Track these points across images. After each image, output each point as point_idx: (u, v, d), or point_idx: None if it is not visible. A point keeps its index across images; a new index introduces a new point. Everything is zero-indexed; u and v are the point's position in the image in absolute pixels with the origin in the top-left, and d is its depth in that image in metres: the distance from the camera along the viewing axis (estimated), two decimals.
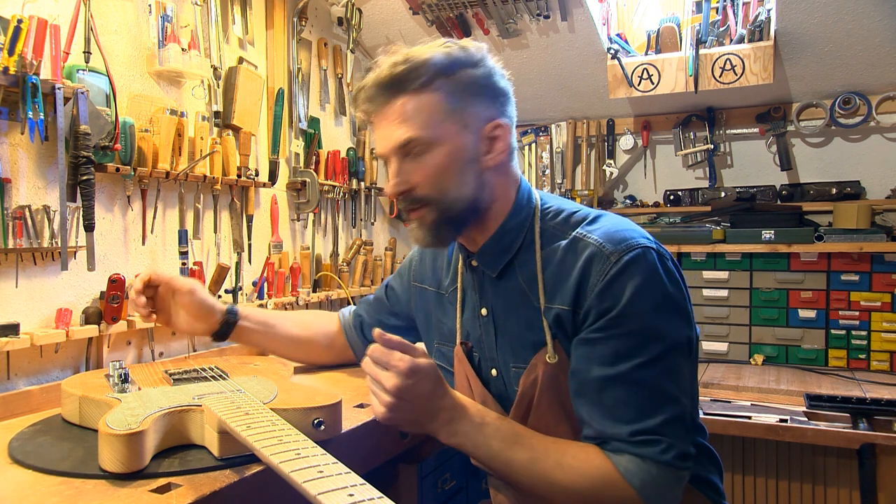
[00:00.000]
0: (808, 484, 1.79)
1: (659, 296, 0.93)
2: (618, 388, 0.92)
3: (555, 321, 0.99)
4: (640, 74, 2.35)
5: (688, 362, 0.97)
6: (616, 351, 0.92)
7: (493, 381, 1.09)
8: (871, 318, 2.20)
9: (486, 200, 1.02)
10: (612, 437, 0.92)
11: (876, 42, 2.14)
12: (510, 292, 1.05)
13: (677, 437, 0.91)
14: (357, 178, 2.46)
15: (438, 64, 0.98)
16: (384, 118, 1.01)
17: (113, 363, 1.12)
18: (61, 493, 0.80)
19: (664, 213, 2.64)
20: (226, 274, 1.79)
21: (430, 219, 1.01)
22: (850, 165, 2.43)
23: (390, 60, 0.99)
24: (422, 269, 1.27)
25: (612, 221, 1.01)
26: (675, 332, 0.94)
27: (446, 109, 0.98)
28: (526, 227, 1.04)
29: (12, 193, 1.37)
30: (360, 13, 2.39)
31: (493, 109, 1.02)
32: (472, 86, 1.00)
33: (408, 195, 1.01)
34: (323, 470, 0.70)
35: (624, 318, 0.92)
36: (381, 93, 1.00)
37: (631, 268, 0.93)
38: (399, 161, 1.01)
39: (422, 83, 0.98)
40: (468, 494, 1.61)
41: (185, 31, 1.73)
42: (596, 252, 0.96)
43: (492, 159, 1.02)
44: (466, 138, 1.00)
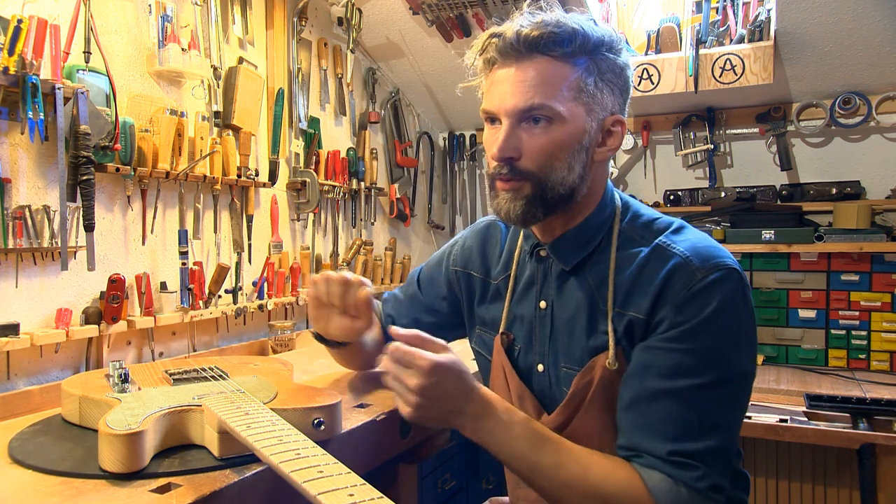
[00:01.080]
0: (808, 484, 1.79)
1: (735, 322, 0.90)
2: (669, 402, 0.88)
3: (626, 328, 0.95)
4: (640, 74, 2.35)
5: (744, 397, 0.93)
6: (678, 365, 0.89)
7: (536, 377, 1.06)
8: (871, 318, 2.20)
9: (582, 191, 0.98)
10: (648, 451, 0.89)
11: (876, 42, 2.14)
12: (577, 290, 1.01)
13: (717, 468, 0.87)
14: (357, 178, 2.46)
15: (588, 38, 0.93)
16: (514, 74, 0.94)
17: (113, 363, 1.12)
18: (61, 493, 0.80)
19: (664, 213, 2.64)
20: (226, 274, 1.79)
21: (526, 193, 0.96)
22: (850, 165, 2.43)
23: (540, 18, 0.93)
24: (465, 255, 1.21)
25: (697, 235, 0.98)
26: (741, 362, 0.91)
27: (581, 88, 0.94)
28: (607, 227, 1.01)
29: (12, 193, 1.37)
30: (360, 13, 2.39)
31: (618, 103, 0.99)
32: (609, 73, 0.96)
33: (511, 163, 0.95)
34: (323, 470, 0.69)
35: (696, 334, 0.89)
36: (520, 48, 0.93)
37: (715, 287, 0.89)
38: (513, 124, 0.95)
39: (567, 52, 0.92)
40: (468, 494, 1.61)
41: (185, 31, 1.73)
42: (682, 264, 0.92)
43: (602, 153, 0.98)
44: (589, 124, 0.95)
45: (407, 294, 1.33)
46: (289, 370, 1.28)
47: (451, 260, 1.24)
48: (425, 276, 1.30)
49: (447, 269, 1.25)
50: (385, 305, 1.36)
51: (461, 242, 1.25)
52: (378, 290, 2.55)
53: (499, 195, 0.98)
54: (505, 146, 0.94)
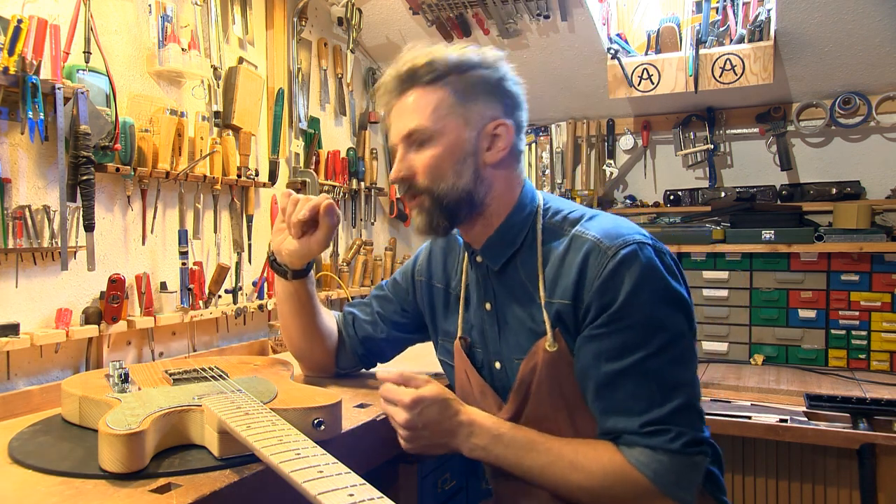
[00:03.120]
0: (808, 484, 1.79)
1: (658, 288, 0.96)
2: (627, 381, 0.94)
3: (556, 316, 1.01)
4: (640, 74, 2.35)
5: (690, 354, 0.99)
6: (622, 345, 0.95)
7: (496, 374, 1.12)
8: (871, 318, 2.20)
9: (482, 194, 1.06)
10: (624, 430, 0.95)
11: (876, 42, 2.14)
12: (512, 287, 1.08)
13: (687, 424, 0.93)
14: (357, 178, 2.46)
15: (451, 62, 1.05)
16: (398, 109, 1.08)
17: (113, 363, 1.12)
18: (61, 493, 0.80)
19: (664, 213, 2.64)
20: (226, 274, 1.79)
21: (427, 206, 1.06)
22: (850, 165, 2.43)
23: (410, 55, 1.07)
24: (430, 265, 1.28)
25: (608, 219, 1.04)
26: (678, 322, 0.96)
27: (451, 104, 1.04)
28: (529, 225, 1.08)
29: (12, 193, 1.37)
30: (360, 13, 2.39)
31: (499, 110, 1.07)
32: (481, 85, 1.05)
33: (407, 182, 1.07)
34: (323, 470, 0.69)
35: (626, 311, 0.94)
36: (397, 85, 1.07)
37: (628, 261, 0.95)
38: (405, 149, 1.08)
39: (433, 77, 1.04)
40: (468, 494, 1.61)
41: (185, 31, 1.73)
42: (593, 247, 0.98)
43: (491, 156, 1.06)
44: (467, 133, 1.05)
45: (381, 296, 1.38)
46: (289, 370, 1.28)
47: (417, 270, 1.32)
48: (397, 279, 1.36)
49: (413, 279, 1.32)
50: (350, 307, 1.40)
51: (426, 254, 1.31)
52: None
53: (410, 214, 1.11)
54: (399, 167, 1.08)
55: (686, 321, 0.98)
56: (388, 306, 1.35)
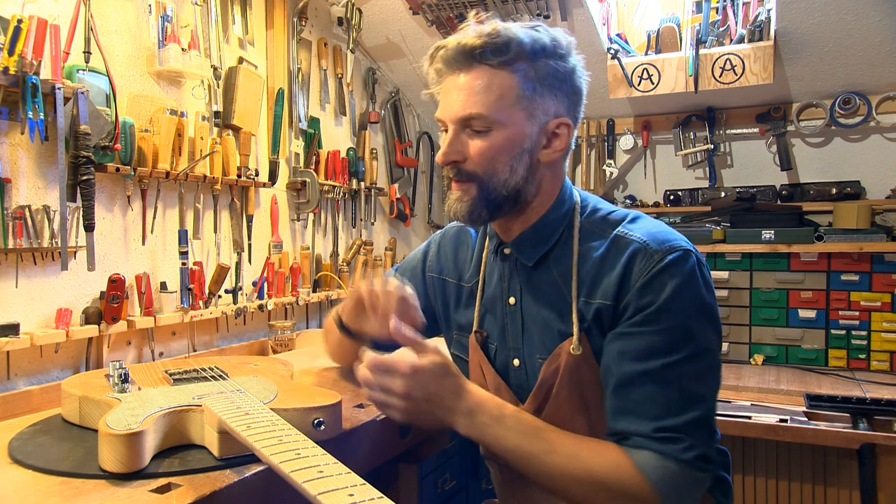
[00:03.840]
0: (808, 484, 1.79)
1: (697, 299, 0.94)
2: (647, 383, 0.92)
3: (595, 316, 0.98)
4: (640, 74, 2.35)
5: (716, 370, 0.97)
6: (650, 346, 0.92)
7: (513, 371, 1.09)
8: (871, 318, 2.20)
9: (530, 192, 1.03)
10: (635, 432, 0.92)
11: (876, 42, 2.14)
12: (543, 284, 1.05)
13: (700, 438, 0.91)
14: (357, 178, 2.46)
15: (524, 46, 0.97)
16: (456, 84, 1.00)
17: (113, 363, 1.12)
18: (61, 493, 0.80)
19: (664, 213, 2.64)
20: (226, 274, 1.79)
21: (472, 195, 1.01)
22: (850, 165, 2.43)
23: (479, 29, 0.98)
24: (440, 260, 1.25)
25: (652, 222, 1.02)
26: (707, 337, 0.94)
27: (518, 94, 0.98)
28: (566, 222, 1.05)
29: (12, 193, 1.37)
30: (360, 13, 2.39)
31: (563, 106, 1.02)
32: (550, 78, 0.99)
33: (456, 166, 1.02)
34: (323, 470, 0.69)
35: (661, 314, 0.92)
36: (460, 58, 0.98)
37: (673, 267, 0.93)
38: (458, 131, 1.01)
39: (503, 61, 0.97)
40: (468, 494, 1.61)
41: (185, 31, 1.73)
42: (640, 249, 0.96)
43: (547, 155, 1.02)
44: (529, 128, 0.99)
45: None
46: (289, 370, 1.28)
47: (428, 266, 1.28)
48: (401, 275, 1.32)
49: (425, 275, 1.28)
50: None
51: (435, 248, 1.28)
52: None
53: (451, 196, 1.04)
54: (448, 151, 1.01)
55: (716, 337, 0.96)
56: None
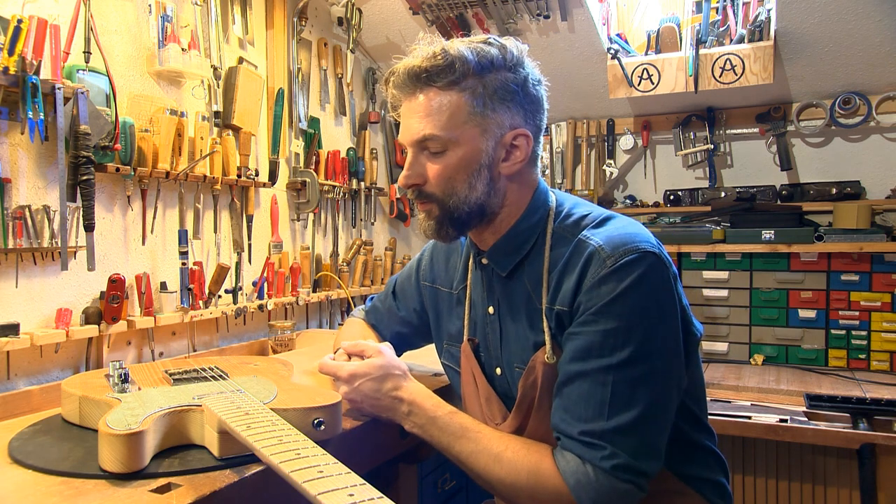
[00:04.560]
0: (808, 484, 1.79)
1: (645, 300, 0.91)
2: (582, 383, 0.91)
3: (557, 322, 0.98)
4: (640, 74, 2.35)
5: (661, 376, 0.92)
6: (589, 346, 0.92)
7: (497, 380, 1.10)
8: (871, 318, 2.19)
9: (494, 205, 1.02)
10: (564, 432, 0.92)
11: (876, 42, 2.14)
12: (516, 292, 1.05)
13: (626, 447, 0.88)
14: (357, 178, 2.46)
15: (471, 63, 0.97)
16: (409, 108, 1.01)
17: (113, 363, 1.12)
18: (61, 493, 0.80)
19: (664, 213, 2.64)
20: (226, 274, 1.79)
21: (435, 214, 1.03)
22: (850, 165, 2.43)
23: (426, 51, 0.99)
24: (433, 269, 1.26)
25: (617, 225, 0.99)
26: (655, 340, 0.91)
27: (469, 111, 0.98)
28: (539, 230, 1.04)
29: (12, 193, 1.37)
30: (360, 13, 2.39)
31: (519, 117, 1.01)
32: (501, 90, 0.99)
33: (416, 189, 1.04)
34: (323, 470, 0.69)
35: (603, 315, 0.91)
36: (410, 82, 1.00)
37: (623, 270, 0.91)
38: (416, 154, 1.02)
39: (450, 80, 0.97)
40: (468, 494, 1.61)
41: (185, 31, 1.73)
42: (594, 253, 0.95)
43: (508, 167, 1.01)
44: (484, 143, 0.99)
45: (385, 305, 1.39)
46: (289, 370, 1.28)
47: (421, 274, 1.29)
48: (399, 287, 1.36)
49: (418, 283, 1.30)
50: (369, 316, 1.43)
51: (428, 257, 1.30)
52: (378, 290, 2.55)
53: (418, 216, 1.07)
54: (408, 174, 1.03)
55: (670, 344, 0.93)
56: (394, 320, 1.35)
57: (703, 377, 1.10)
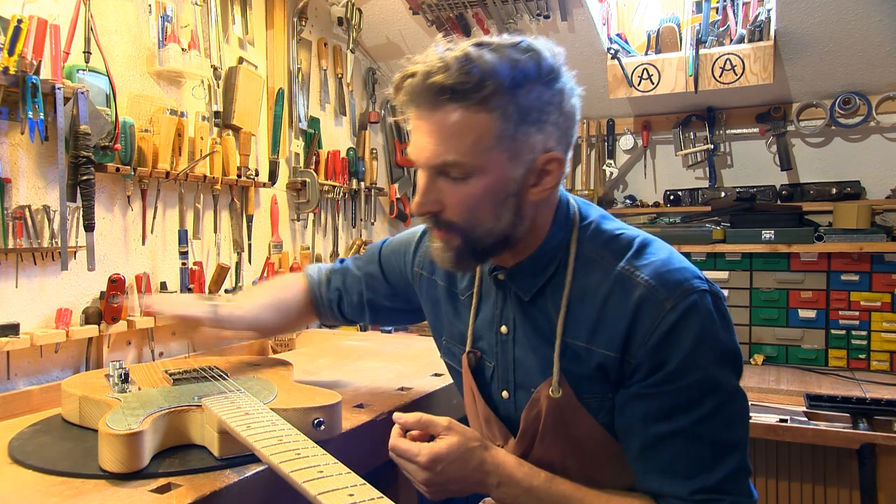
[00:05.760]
0: (808, 484, 1.79)
1: (717, 347, 0.86)
2: (676, 443, 0.86)
3: (598, 366, 0.90)
4: (640, 74, 2.35)
5: (744, 410, 0.91)
6: (674, 405, 0.86)
7: (502, 403, 1.02)
8: (871, 318, 2.19)
9: (519, 232, 0.92)
10: (672, 494, 0.86)
11: (876, 42, 2.14)
12: (537, 316, 0.96)
13: (740, 490, 0.86)
14: (357, 178, 2.46)
15: (502, 79, 0.82)
16: (427, 125, 0.86)
17: (113, 363, 1.12)
18: (61, 493, 0.80)
19: (664, 213, 2.64)
20: (226, 274, 1.79)
21: (455, 244, 0.91)
22: (850, 165, 2.43)
23: (449, 59, 0.83)
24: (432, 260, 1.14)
25: (659, 255, 0.90)
26: (731, 381, 0.88)
27: (498, 135, 0.84)
28: (563, 248, 0.95)
29: (12, 193, 1.37)
30: (360, 13, 2.39)
31: (553, 139, 0.88)
32: (535, 111, 0.85)
33: (433, 216, 0.90)
34: (323, 470, 0.70)
35: (681, 372, 0.85)
36: (429, 96, 0.84)
37: (688, 318, 0.84)
38: (432, 178, 0.88)
39: (478, 99, 0.82)
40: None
41: (185, 31, 1.73)
42: (647, 296, 0.86)
43: (537, 194, 0.89)
44: (514, 170, 0.86)
45: (364, 270, 1.28)
46: (289, 370, 1.28)
47: (417, 261, 1.18)
48: (388, 259, 1.25)
49: (412, 269, 1.19)
50: (334, 276, 1.31)
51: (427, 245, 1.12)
52: None
53: (433, 242, 0.93)
54: (423, 201, 0.89)
55: (738, 376, 0.89)
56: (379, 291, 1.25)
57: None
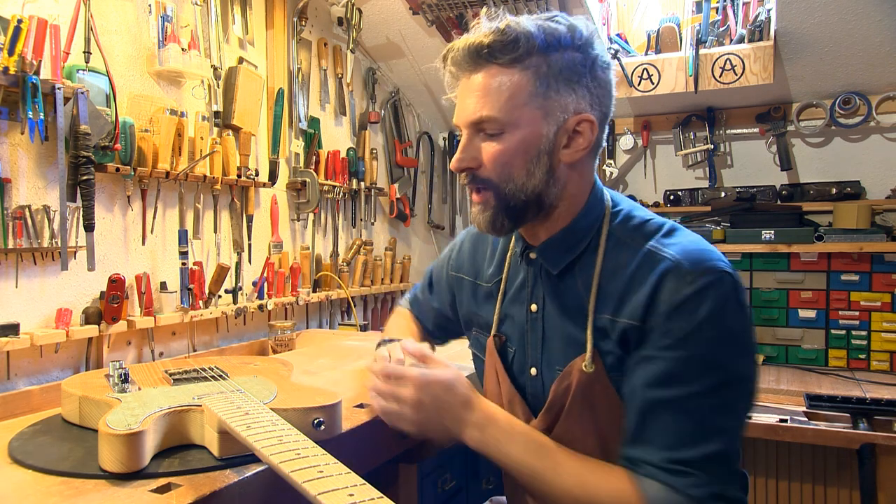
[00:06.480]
0: (808, 484, 1.79)
1: (728, 326, 0.87)
2: (666, 412, 0.87)
3: (621, 336, 0.93)
4: (640, 74, 2.35)
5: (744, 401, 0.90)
6: (672, 373, 0.87)
7: (530, 381, 1.05)
8: (871, 318, 2.20)
9: (553, 196, 0.96)
10: (646, 461, 0.88)
11: (876, 42, 2.14)
12: (566, 293, 1.00)
13: (716, 475, 0.85)
14: (357, 178, 2.46)
15: (535, 40, 0.90)
16: (467, 86, 0.95)
17: (113, 363, 1.12)
18: (61, 493, 0.80)
19: (664, 213, 2.64)
20: (226, 274, 1.79)
21: (491, 205, 0.97)
22: (850, 165, 2.43)
23: (489, 26, 0.92)
24: (460, 258, 1.23)
25: (689, 237, 0.94)
26: (737, 367, 0.88)
27: (531, 92, 0.91)
28: (594, 229, 0.99)
29: (12, 193, 1.37)
30: (360, 13, 2.39)
31: (584, 102, 0.93)
32: (567, 71, 0.92)
33: (471, 173, 0.97)
34: (323, 470, 0.69)
35: (688, 341, 0.86)
36: (469, 59, 0.93)
37: (706, 291, 0.86)
38: (471, 136, 0.96)
39: (513, 58, 0.91)
40: (468, 494, 1.61)
41: (185, 31, 1.73)
42: (672, 268, 0.89)
43: (569, 155, 0.95)
44: (546, 128, 0.92)
45: (424, 296, 1.36)
46: (289, 370, 1.28)
47: (451, 264, 1.26)
48: (436, 278, 1.32)
49: (448, 274, 1.26)
50: (412, 307, 1.39)
51: (459, 246, 1.27)
52: (378, 290, 2.55)
53: (473, 207, 1.00)
54: (462, 157, 0.96)
55: (751, 365, 0.90)
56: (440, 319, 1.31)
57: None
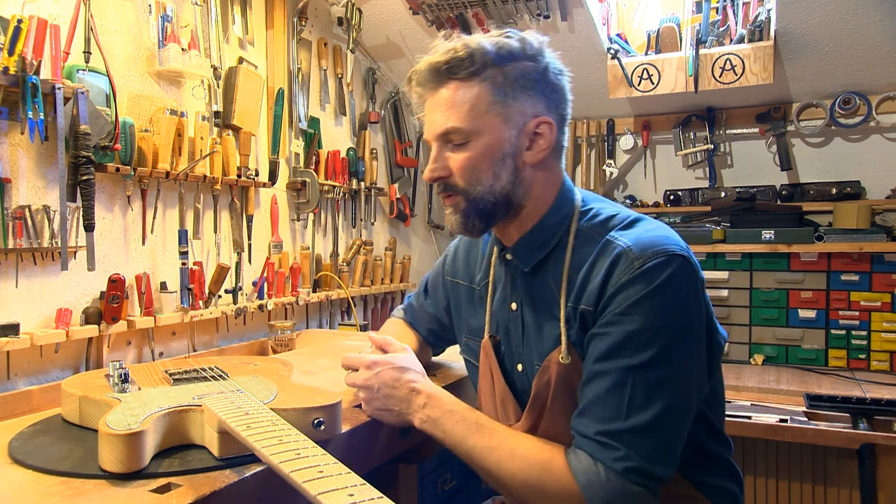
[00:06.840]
0: (808, 484, 1.79)
1: (671, 303, 0.91)
2: (600, 383, 0.91)
3: (580, 322, 0.98)
4: (640, 74, 2.35)
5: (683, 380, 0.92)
6: (611, 347, 0.91)
7: (518, 377, 1.10)
8: (871, 318, 2.20)
9: (520, 196, 1.03)
10: (581, 432, 0.92)
11: (876, 42, 2.14)
12: (540, 289, 1.05)
13: (640, 450, 0.87)
14: (357, 178, 2.46)
15: (489, 54, 0.98)
16: (433, 103, 1.03)
17: (113, 363, 1.12)
18: (61, 493, 0.80)
19: (664, 213, 2.64)
20: (226, 274, 1.79)
21: (462, 207, 1.03)
22: (850, 165, 2.43)
23: (446, 46, 1.01)
24: (455, 264, 1.27)
25: (647, 227, 0.99)
26: (679, 344, 0.91)
27: (490, 101, 0.99)
28: (563, 227, 1.04)
29: (12, 193, 1.37)
30: (360, 13, 2.39)
31: (541, 105, 1.01)
32: (522, 79, 0.99)
33: (442, 182, 1.04)
34: (323, 470, 0.69)
35: (628, 316, 0.91)
36: (431, 77, 1.02)
37: (651, 272, 0.91)
38: (440, 147, 1.03)
39: (471, 72, 0.98)
40: (468, 494, 1.61)
41: (185, 31, 1.73)
42: (622, 254, 0.94)
43: (532, 156, 1.02)
44: (507, 132, 1.00)
45: (418, 303, 1.40)
46: (289, 370, 1.28)
47: (446, 269, 1.30)
48: (431, 285, 1.36)
49: (444, 280, 1.31)
50: (406, 315, 1.44)
51: (453, 252, 1.31)
52: (378, 290, 2.55)
53: (446, 210, 1.07)
54: (433, 167, 1.04)
55: (693, 346, 0.93)
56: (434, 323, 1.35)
57: (724, 386, 1.08)
